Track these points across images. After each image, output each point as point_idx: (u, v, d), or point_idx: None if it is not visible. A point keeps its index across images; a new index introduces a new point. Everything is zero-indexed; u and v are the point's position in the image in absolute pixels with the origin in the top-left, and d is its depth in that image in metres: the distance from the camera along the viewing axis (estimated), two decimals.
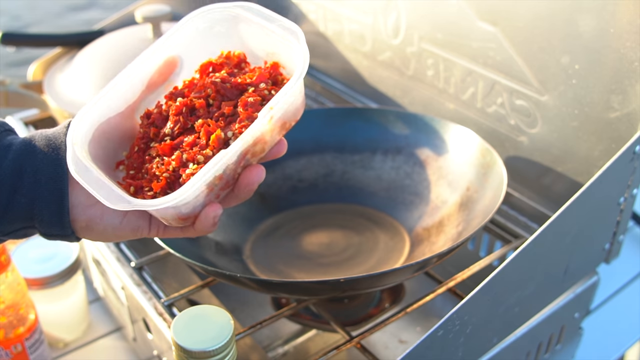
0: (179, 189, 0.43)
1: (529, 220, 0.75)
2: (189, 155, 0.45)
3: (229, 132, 0.46)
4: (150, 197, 0.46)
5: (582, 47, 0.65)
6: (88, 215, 0.46)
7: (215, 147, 0.45)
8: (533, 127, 0.73)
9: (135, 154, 0.49)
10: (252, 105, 0.46)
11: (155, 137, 0.49)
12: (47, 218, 0.45)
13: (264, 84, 0.48)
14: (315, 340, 0.80)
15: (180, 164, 0.45)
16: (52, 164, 0.45)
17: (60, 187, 0.45)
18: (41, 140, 0.46)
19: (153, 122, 0.49)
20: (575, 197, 0.57)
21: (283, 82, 0.49)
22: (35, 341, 0.68)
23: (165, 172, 0.46)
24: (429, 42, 0.82)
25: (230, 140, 0.46)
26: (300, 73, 0.46)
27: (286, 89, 0.46)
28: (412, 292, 0.77)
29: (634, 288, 0.87)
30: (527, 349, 0.67)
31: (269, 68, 0.49)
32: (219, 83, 0.48)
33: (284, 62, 0.50)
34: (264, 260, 0.72)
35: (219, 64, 0.50)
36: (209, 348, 0.44)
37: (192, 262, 0.58)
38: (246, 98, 0.47)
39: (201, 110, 0.48)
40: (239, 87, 0.48)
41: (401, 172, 0.79)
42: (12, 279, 0.64)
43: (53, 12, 3.66)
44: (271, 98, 0.47)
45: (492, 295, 0.56)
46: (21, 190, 0.44)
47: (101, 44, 0.92)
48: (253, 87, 0.48)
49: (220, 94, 0.48)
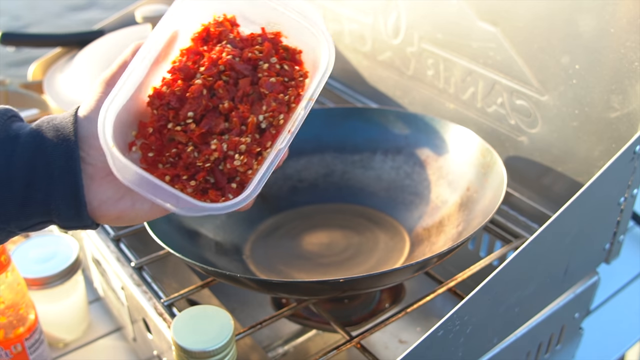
0: (245, 191, 0.45)
1: (529, 220, 0.75)
2: (229, 145, 0.46)
3: (260, 116, 0.46)
4: (192, 187, 0.46)
5: (582, 47, 0.65)
6: (119, 208, 0.46)
7: (251, 133, 0.46)
8: (533, 127, 0.73)
9: (152, 136, 0.48)
10: (275, 86, 0.47)
11: (175, 119, 0.48)
12: (64, 212, 0.45)
13: (274, 59, 0.48)
14: (315, 340, 0.80)
15: (223, 155, 0.46)
16: (63, 157, 0.44)
17: (74, 179, 0.44)
18: (50, 131, 0.45)
19: (168, 103, 0.48)
20: (575, 197, 0.57)
21: (288, 52, 0.49)
22: (35, 341, 0.68)
23: (206, 162, 0.46)
24: (429, 42, 0.82)
25: (261, 123, 0.47)
26: (327, 62, 0.47)
27: (318, 77, 0.47)
28: (412, 292, 0.77)
29: (634, 288, 0.87)
30: (527, 349, 0.67)
31: (272, 39, 0.49)
32: (232, 61, 0.48)
33: (287, 33, 0.50)
34: (264, 260, 0.72)
35: (215, 32, 0.49)
36: (209, 348, 0.44)
37: (192, 262, 0.58)
38: (267, 78, 0.47)
39: (221, 90, 0.47)
40: (250, 62, 0.48)
41: (401, 172, 0.79)
42: (12, 279, 0.64)
43: (53, 12, 3.66)
44: (285, 73, 0.48)
45: (492, 295, 0.56)
46: (35, 185, 0.44)
47: (101, 44, 0.92)
48: (266, 63, 0.48)
49: (234, 70, 0.48)
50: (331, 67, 0.47)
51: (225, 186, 0.46)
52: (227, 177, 0.47)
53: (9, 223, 0.44)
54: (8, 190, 0.43)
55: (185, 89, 0.47)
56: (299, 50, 0.50)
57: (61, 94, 0.87)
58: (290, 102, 0.48)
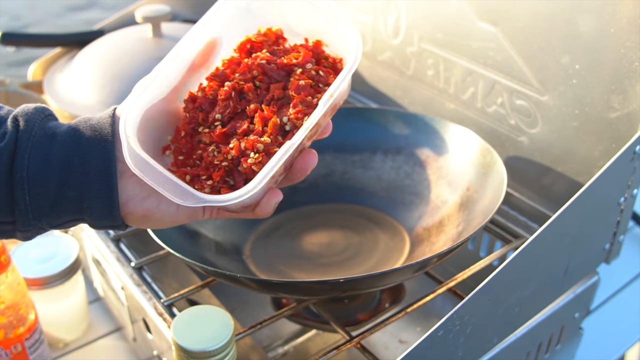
0: (247, 185, 0.43)
1: (529, 220, 0.75)
2: (247, 144, 0.45)
3: (284, 118, 0.46)
4: (209, 186, 0.46)
5: (582, 47, 0.65)
6: (145, 206, 0.46)
7: (272, 134, 0.45)
8: (533, 127, 0.73)
9: (183, 139, 0.48)
10: (304, 89, 0.46)
11: (204, 122, 0.48)
12: (97, 212, 0.45)
13: (310, 65, 0.48)
14: (315, 340, 0.80)
15: (240, 153, 0.45)
16: (100, 156, 0.44)
17: (110, 180, 0.44)
18: (87, 130, 0.45)
19: (200, 106, 0.48)
20: (575, 197, 0.57)
21: (328, 60, 0.49)
22: (35, 341, 0.68)
23: (224, 160, 0.46)
24: (429, 42, 0.82)
25: (285, 125, 0.46)
26: (354, 58, 0.46)
27: (344, 74, 0.46)
28: (412, 292, 0.77)
29: (634, 288, 0.87)
30: (527, 349, 0.67)
31: (312, 46, 0.49)
32: (265, 65, 0.47)
33: (327, 40, 0.49)
34: (264, 260, 0.72)
35: (258, 42, 0.50)
36: (209, 348, 0.44)
37: (192, 262, 0.58)
38: (297, 81, 0.47)
39: (250, 94, 0.47)
40: (285, 68, 0.48)
41: (401, 172, 0.79)
42: (12, 279, 0.64)
43: (53, 12, 3.66)
44: (319, 79, 0.47)
45: (492, 295, 0.56)
46: (70, 184, 0.44)
47: (101, 44, 0.92)
48: (300, 68, 0.47)
49: (267, 75, 0.48)
50: (355, 65, 0.46)
51: (241, 187, 0.46)
52: (245, 179, 0.46)
53: (41, 220, 0.45)
54: (43, 187, 0.44)
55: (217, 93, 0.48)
56: (340, 59, 0.49)
57: (61, 94, 0.87)
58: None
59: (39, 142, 0.44)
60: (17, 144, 0.43)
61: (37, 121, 0.45)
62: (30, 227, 0.45)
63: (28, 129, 0.44)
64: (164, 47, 0.88)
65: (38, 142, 0.44)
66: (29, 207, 0.44)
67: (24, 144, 0.43)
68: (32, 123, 0.44)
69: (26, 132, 0.44)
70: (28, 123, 0.44)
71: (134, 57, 0.86)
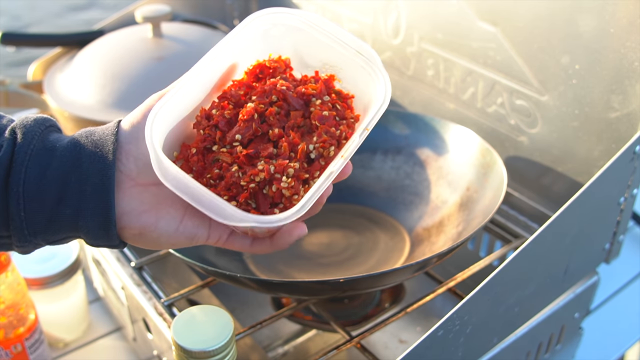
0: (297, 204, 0.43)
1: (529, 220, 0.75)
2: (277, 168, 0.45)
3: (310, 146, 0.46)
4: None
5: (582, 47, 0.65)
6: (142, 222, 0.44)
7: (300, 160, 0.45)
8: (533, 127, 0.73)
9: (195, 156, 0.47)
10: (327, 120, 0.47)
11: (221, 141, 0.47)
12: (93, 231, 0.44)
13: (327, 97, 0.48)
14: (315, 340, 0.80)
15: (270, 176, 0.45)
16: (98, 174, 0.43)
17: (107, 199, 0.43)
18: (88, 145, 0.44)
19: (217, 125, 0.47)
20: (575, 197, 0.57)
21: (340, 95, 0.49)
22: (35, 341, 0.68)
23: (251, 182, 0.45)
24: (429, 42, 0.82)
25: (311, 153, 0.46)
26: (383, 96, 0.46)
27: (379, 111, 0.46)
28: (412, 292, 0.77)
29: (634, 288, 0.87)
30: (527, 349, 0.67)
31: (326, 80, 0.49)
32: (286, 92, 0.47)
33: (340, 76, 0.50)
34: (264, 260, 0.72)
35: (269, 68, 0.50)
36: (209, 348, 0.44)
37: (192, 262, 0.58)
38: (320, 111, 0.47)
39: (272, 118, 0.47)
40: (303, 97, 0.48)
41: (401, 172, 0.79)
42: (12, 279, 0.64)
43: (53, 12, 3.66)
44: (337, 112, 0.47)
45: (492, 295, 0.56)
46: (66, 201, 0.43)
47: (101, 44, 0.92)
48: (319, 99, 0.48)
49: (286, 102, 0.48)
50: (387, 102, 0.47)
51: (267, 211, 0.45)
52: (270, 203, 0.45)
53: (36, 236, 0.44)
54: (39, 203, 0.42)
55: (236, 114, 0.47)
56: (351, 95, 0.49)
57: (61, 94, 0.87)
58: (342, 138, 0.47)
59: (37, 156, 0.43)
60: (14, 158, 0.42)
61: (37, 134, 0.43)
62: (26, 242, 0.44)
63: (26, 142, 0.43)
64: (164, 47, 0.88)
65: (36, 156, 0.43)
66: (24, 222, 0.42)
67: (21, 158, 0.42)
68: (31, 136, 0.43)
69: (24, 146, 0.43)
70: (26, 136, 0.43)
71: (134, 57, 0.86)
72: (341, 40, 0.48)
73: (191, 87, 0.47)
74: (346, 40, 0.48)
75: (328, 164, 0.46)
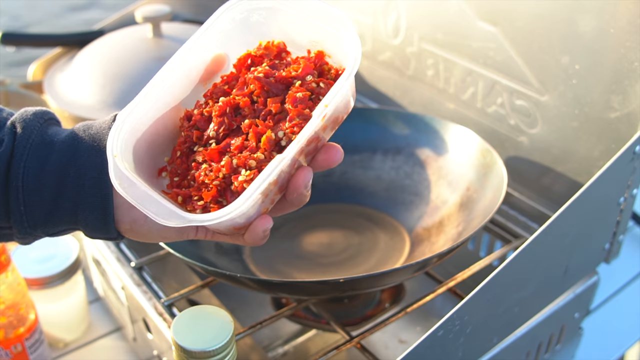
0: (234, 201, 0.40)
1: (529, 220, 0.75)
2: (239, 161, 0.43)
3: (280, 132, 0.43)
4: (200, 207, 0.43)
5: (582, 47, 0.65)
6: (132, 216, 0.45)
7: (266, 150, 0.43)
8: (533, 127, 0.73)
9: (179, 159, 0.46)
10: (301, 102, 0.43)
11: (199, 140, 0.46)
12: (91, 223, 0.44)
13: (310, 76, 0.45)
14: (315, 340, 0.80)
15: (231, 170, 0.43)
16: (96, 168, 0.43)
17: (105, 192, 0.43)
18: (85, 139, 0.44)
19: (195, 125, 0.46)
20: (575, 197, 0.57)
21: (330, 72, 0.46)
22: (35, 341, 0.68)
23: (215, 179, 0.43)
24: (429, 42, 0.82)
25: (281, 140, 0.43)
26: (352, 65, 0.43)
27: (340, 83, 0.42)
28: (412, 292, 0.77)
29: (634, 288, 0.87)
30: (527, 349, 0.67)
31: (314, 58, 0.46)
32: (262, 78, 0.45)
33: (330, 51, 0.46)
34: (264, 260, 0.72)
35: (258, 56, 0.47)
36: (209, 348, 0.44)
37: (192, 262, 0.58)
38: (294, 94, 0.44)
39: (246, 109, 0.45)
40: (284, 81, 0.45)
41: (401, 172, 0.79)
42: (12, 279, 0.64)
43: (53, 12, 3.66)
44: (320, 91, 0.44)
45: (492, 295, 0.56)
46: (65, 194, 0.43)
47: (101, 44, 0.92)
48: (299, 81, 0.45)
49: (264, 90, 0.45)
50: (354, 71, 0.43)
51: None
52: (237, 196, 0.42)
53: (36, 228, 0.44)
54: (38, 197, 0.43)
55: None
56: (343, 69, 0.46)
57: (61, 94, 0.87)
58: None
59: (36, 150, 0.43)
60: (14, 152, 0.43)
61: (36, 127, 0.44)
62: (26, 234, 0.44)
63: (25, 135, 0.43)
64: (164, 47, 0.88)
65: (35, 150, 0.43)
66: (24, 216, 0.43)
67: (20, 152, 0.43)
68: (30, 129, 0.44)
69: (23, 139, 0.43)
70: (26, 130, 0.43)
71: (134, 57, 0.86)
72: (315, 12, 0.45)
73: (165, 85, 0.46)
74: (320, 12, 0.45)
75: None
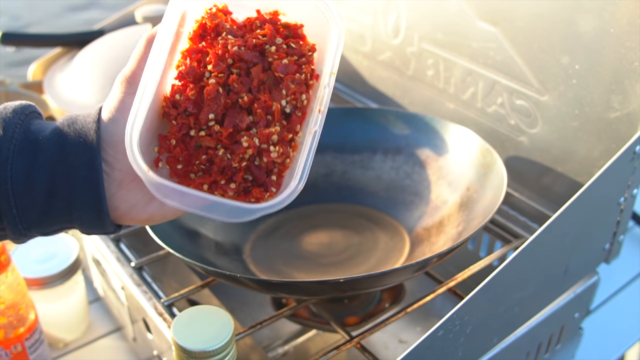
0: (294, 180, 0.43)
1: (529, 220, 0.75)
2: (261, 139, 0.44)
3: (283, 101, 0.45)
4: (233, 190, 0.45)
5: (582, 47, 0.65)
6: (149, 211, 0.45)
7: (279, 121, 0.45)
8: (533, 127, 0.73)
9: (176, 147, 0.45)
10: (290, 68, 0.46)
11: (195, 124, 0.45)
12: (87, 221, 0.44)
13: (280, 39, 0.46)
14: (315, 340, 0.80)
15: (257, 150, 0.44)
16: (85, 167, 0.43)
17: (97, 190, 0.43)
18: (71, 135, 0.43)
19: (185, 110, 0.45)
20: (575, 197, 0.57)
21: (288, 28, 0.47)
22: (35, 341, 0.68)
23: (242, 161, 0.44)
24: (429, 42, 0.82)
25: (285, 108, 0.45)
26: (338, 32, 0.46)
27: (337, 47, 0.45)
28: (412, 292, 0.77)
29: (634, 288, 0.87)
30: (527, 349, 0.67)
31: (270, 19, 0.47)
32: (239, 52, 0.45)
33: (286, 9, 0.48)
34: (264, 260, 0.72)
35: (212, 26, 0.47)
36: (209, 348, 0.44)
37: (192, 262, 0.58)
38: (278, 61, 0.45)
39: (236, 85, 0.45)
40: (257, 48, 0.46)
41: (401, 172, 0.79)
42: (12, 279, 0.64)
43: (53, 12, 3.66)
44: (294, 51, 0.46)
45: (492, 295, 0.56)
46: (57, 195, 0.42)
47: (101, 44, 0.92)
48: (273, 45, 0.46)
49: (243, 60, 0.46)
50: (343, 35, 0.46)
51: (266, 180, 0.45)
52: (265, 171, 0.45)
53: (31, 229, 0.44)
54: (29, 199, 0.42)
55: (199, 92, 0.45)
56: (300, 24, 0.48)
57: (61, 94, 0.87)
58: (308, 80, 0.46)
59: (21, 150, 0.42)
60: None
61: (18, 125, 0.42)
62: (21, 235, 0.44)
63: (8, 136, 0.42)
64: None
65: (20, 150, 0.42)
66: (17, 218, 0.42)
67: (4, 154, 0.41)
68: (12, 129, 0.42)
69: (6, 141, 0.42)
70: (7, 129, 0.42)
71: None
72: None
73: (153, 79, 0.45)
74: None
75: (305, 113, 0.46)
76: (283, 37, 0.47)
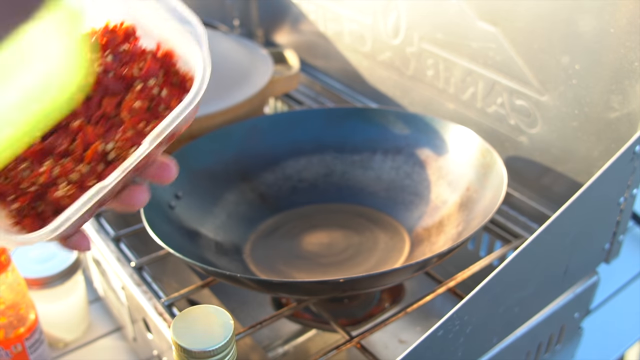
0: (52, 222, 0.36)
1: (529, 220, 0.75)
2: (61, 170, 0.38)
3: (109, 145, 0.39)
4: (16, 210, 0.39)
5: (582, 47, 0.65)
6: None
7: (92, 162, 0.39)
8: (533, 127, 0.73)
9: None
10: (137, 113, 0.39)
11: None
12: None
13: (154, 79, 0.40)
14: (315, 340, 0.80)
15: (50, 180, 0.38)
16: None
17: None
18: None
19: None
20: (575, 197, 0.57)
21: (177, 75, 0.41)
22: (35, 341, 0.68)
23: (32, 186, 0.39)
24: (429, 42, 0.82)
25: (109, 153, 0.39)
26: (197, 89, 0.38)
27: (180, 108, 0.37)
28: (412, 292, 0.77)
29: (634, 288, 0.87)
30: (527, 349, 0.67)
31: (161, 57, 0.41)
32: (101, 74, 0.40)
33: (180, 52, 0.41)
34: (264, 260, 0.72)
35: (104, 42, 0.41)
36: (209, 348, 0.44)
37: (192, 262, 0.58)
38: (132, 101, 0.39)
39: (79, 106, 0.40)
40: (125, 80, 0.40)
41: (401, 172, 0.79)
42: (12, 279, 0.64)
43: None
44: (160, 100, 0.40)
45: (492, 295, 0.56)
46: None
47: None
48: (142, 83, 0.40)
49: (102, 85, 0.40)
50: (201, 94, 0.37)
51: (49, 217, 0.38)
52: (54, 208, 0.39)
53: None
54: None
55: None
56: (190, 76, 0.41)
57: None
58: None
59: None
60: None
61: None
62: None
63: None
64: None
65: None
66: None
67: None
68: None
69: None
70: None
71: None
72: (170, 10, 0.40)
73: None
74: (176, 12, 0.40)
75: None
76: (169, 83, 0.41)
